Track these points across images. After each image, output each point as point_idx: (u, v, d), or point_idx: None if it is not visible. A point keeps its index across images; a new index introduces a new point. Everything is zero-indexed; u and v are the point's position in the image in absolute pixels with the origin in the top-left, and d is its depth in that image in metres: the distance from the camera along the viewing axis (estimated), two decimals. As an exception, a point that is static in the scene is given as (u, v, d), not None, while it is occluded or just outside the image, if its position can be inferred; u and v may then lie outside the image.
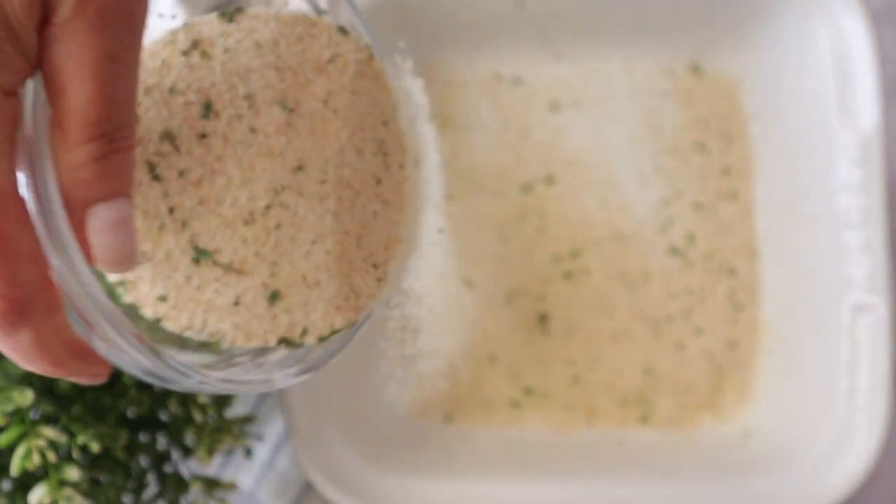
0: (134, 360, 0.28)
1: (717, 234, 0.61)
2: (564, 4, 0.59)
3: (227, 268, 0.30)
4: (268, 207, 0.31)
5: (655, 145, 0.61)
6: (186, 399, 0.48)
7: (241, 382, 0.31)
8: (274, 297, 0.31)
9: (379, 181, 0.34)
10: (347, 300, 0.33)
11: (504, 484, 0.56)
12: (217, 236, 0.30)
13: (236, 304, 0.31)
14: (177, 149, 0.30)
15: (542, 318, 0.61)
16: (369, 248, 0.34)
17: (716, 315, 0.60)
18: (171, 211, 0.30)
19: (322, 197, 0.32)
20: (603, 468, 0.57)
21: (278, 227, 0.31)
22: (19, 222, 0.26)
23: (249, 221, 0.31)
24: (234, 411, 0.57)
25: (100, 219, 0.26)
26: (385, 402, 0.60)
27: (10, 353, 0.28)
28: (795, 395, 0.57)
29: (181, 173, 0.30)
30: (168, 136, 0.30)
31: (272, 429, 0.59)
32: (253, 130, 0.31)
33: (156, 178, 0.30)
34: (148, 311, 0.30)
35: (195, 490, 0.49)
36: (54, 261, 0.26)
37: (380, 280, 0.35)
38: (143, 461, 0.49)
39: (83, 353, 0.29)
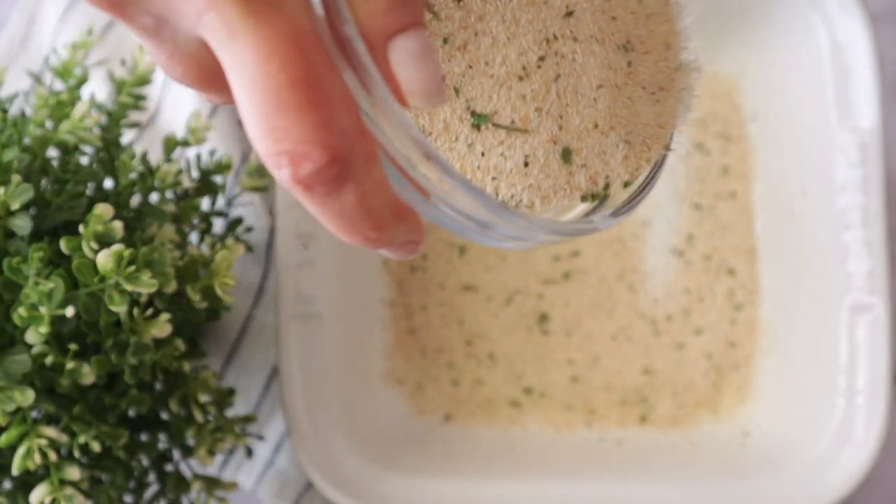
0: (462, 204, 0.27)
1: (716, 234, 0.61)
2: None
3: (510, 128, 0.29)
4: (541, 59, 0.29)
5: (655, 145, 0.61)
6: (187, 399, 0.48)
7: (567, 224, 0.30)
8: (566, 154, 0.30)
9: (650, 30, 0.33)
10: (643, 137, 0.32)
11: (504, 484, 0.56)
12: (493, 97, 0.29)
13: (526, 164, 0.29)
14: (436, 16, 0.29)
15: (542, 318, 0.61)
16: (654, 78, 0.32)
17: (715, 315, 0.60)
18: (442, 79, 0.28)
19: (601, 39, 0.30)
20: (602, 468, 0.57)
21: (557, 78, 0.30)
22: (327, 64, 0.24)
23: (524, 77, 0.29)
24: (235, 411, 0.57)
25: (403, 51, 0.25)
26: (385, 401, 0.60)
27: (332, 219, 0.26)
28: (794, 394, 0.57)
29: (445, 40, 0.29)
30: (425, 5, 0.29)
31: (273, 428, 0.59)
32: None
33: None
34: None
35: (196, 489, 0.49)
36: (364, 104, 0.25)
37: (673, 106, 0.33)
38: (144, 461, 0.49)
39: (402, 215, 0.27)
